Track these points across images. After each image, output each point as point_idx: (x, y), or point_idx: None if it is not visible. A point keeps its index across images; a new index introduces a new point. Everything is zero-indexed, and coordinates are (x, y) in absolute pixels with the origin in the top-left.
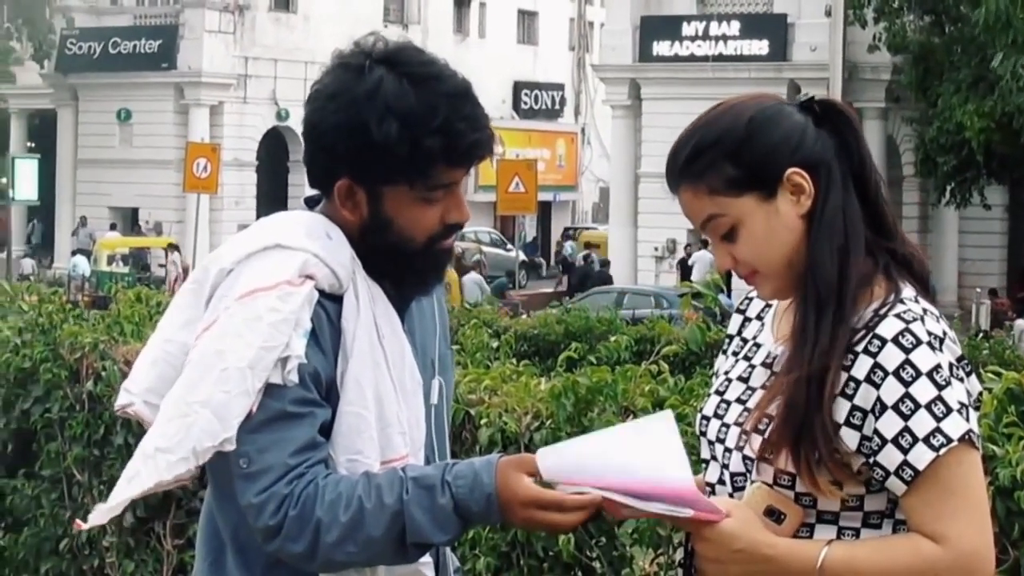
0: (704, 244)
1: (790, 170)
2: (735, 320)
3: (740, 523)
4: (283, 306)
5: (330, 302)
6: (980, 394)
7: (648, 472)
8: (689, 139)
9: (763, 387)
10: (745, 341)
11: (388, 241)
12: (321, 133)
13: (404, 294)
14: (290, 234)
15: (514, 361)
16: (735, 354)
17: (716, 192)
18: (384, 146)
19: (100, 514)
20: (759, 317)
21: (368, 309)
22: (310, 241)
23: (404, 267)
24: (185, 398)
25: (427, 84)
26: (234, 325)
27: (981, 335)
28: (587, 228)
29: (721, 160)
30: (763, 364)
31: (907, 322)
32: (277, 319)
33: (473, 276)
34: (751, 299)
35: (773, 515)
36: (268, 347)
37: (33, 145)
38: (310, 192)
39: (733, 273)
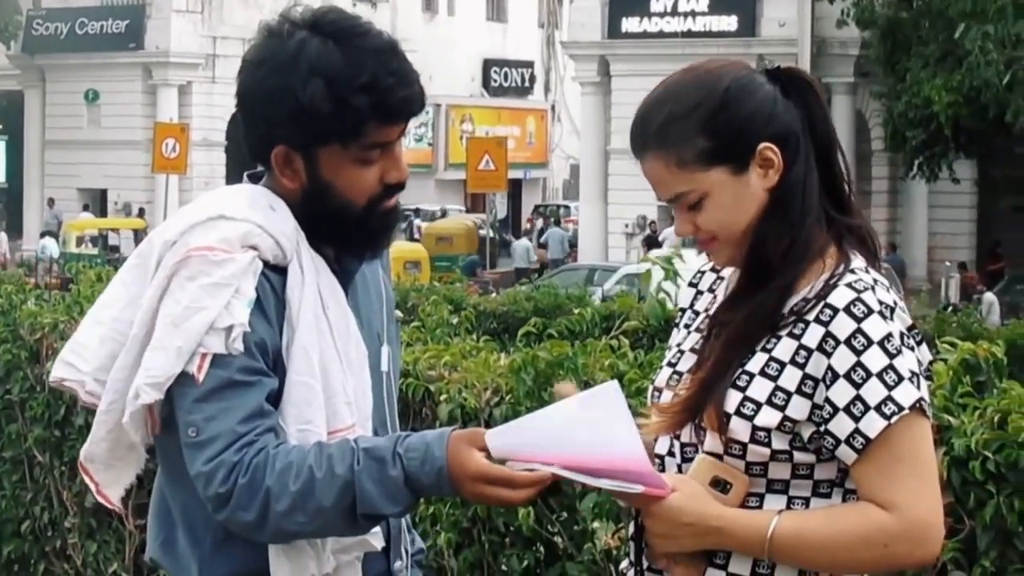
0: (672, 220)
1: (762, 144)
2: (687, 293)
3: (687, 497)
4: (216, 271)
5: (274, 273)
6: (931, 363)
7: (598, 446)
8: (660, 105)
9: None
10: (697, 314)
11: (329, 206)
12: (252, 102)
13: (352, 259)
14: (233, 205)
15: (474, 337)
16: (687, 327)
17: (685, 164)
18: (312, 108)
19: (110, 487)
20: (711, 290)
21: (313, 280)
22: (253, 212)
23: (349, 231)
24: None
25: (352, 42)
26: (170, 286)
27: (950, 308)
28: (559, 206)
29: (694, 130)
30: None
31: (858, 291)
32: (208, 282)
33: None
34: (703, 272)
35: (719, 485)
36: (193, 307)
37: (0, 127)
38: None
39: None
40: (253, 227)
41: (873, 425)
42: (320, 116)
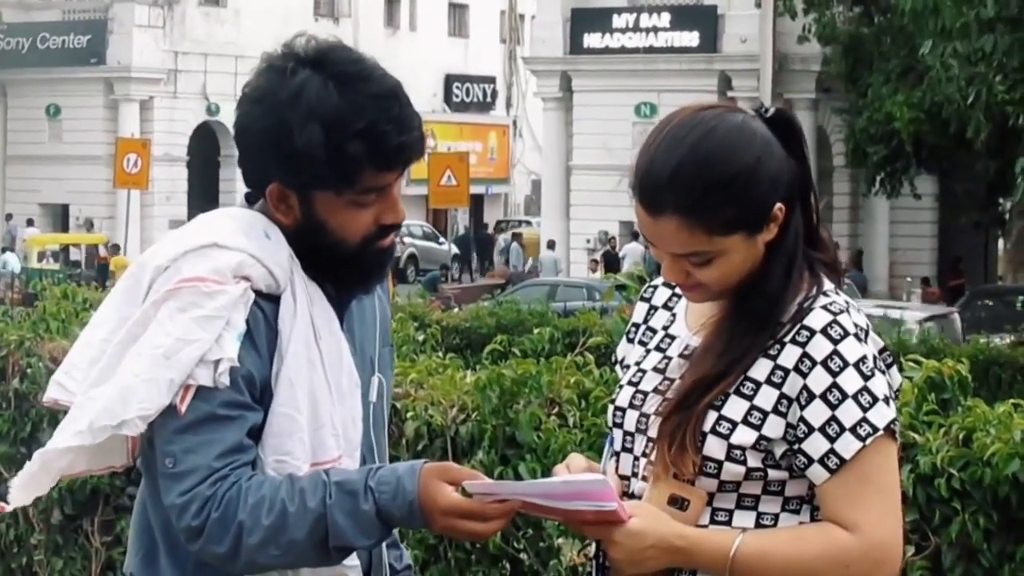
0: (634, 236)
1: (776, 206)
2: (640, 308)
3: (646, 520)
4: (207, 302)
5: (267, 302)
6: (900, 385)
7: (565, 479)
8: (690, 169)
9: (681, 379)
10: (654, 331)
11: (323, 243)
12: (249, 138)
13: (345, 293)
14: (227, 233)
15: (440, 354)
16: (643, 344)
17: (710, 230)
18: (307, 152)
19: (18, 491)
20: (667, 306)
21: (305, 309)
22: (247, 240)
23: (342, 267)
24: (95, 377)
25: (353, 85)
26: (158, 315)
27: None
28: (521, 221)
29: (727, 202)
30: (680, 356)
31: (834, 314)
32: (199, 314)
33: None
34: (656, 287)
35: (677, 503)
36: (186, 340)
37: None
38: (242, 187)
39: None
40: (246, 257)
41: (848, 446)
42: (314, 162)
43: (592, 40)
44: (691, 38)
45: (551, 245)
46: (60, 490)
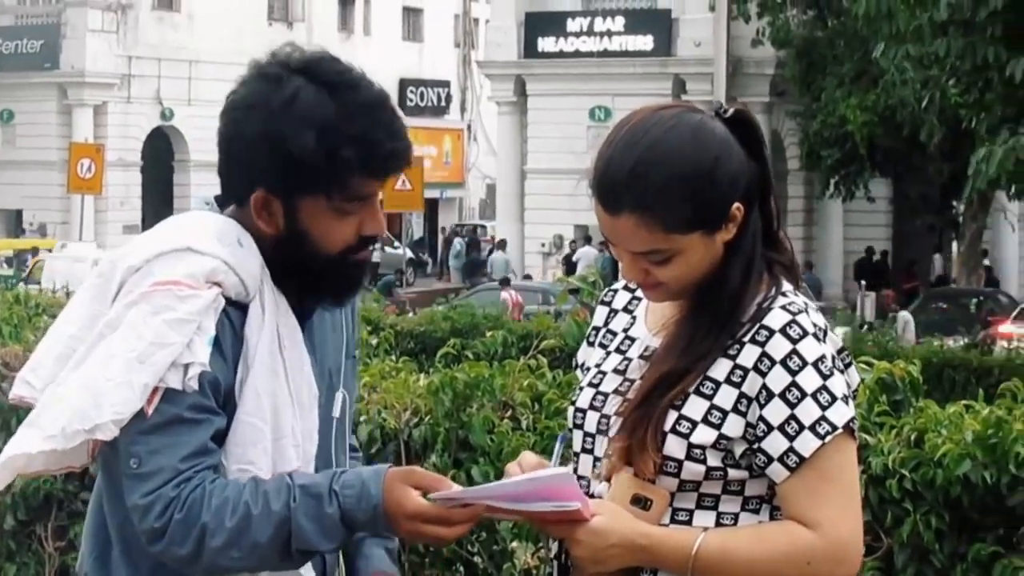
0: (587, 240)
1: (735, 206)
2: (600, 312)
3: (609, 519)
4: (180, 306)
5: (235, 310)
6: (859, 385)
7: (529, 478)
8: (648, 167)
9: (642, 379)
10: (614, 334)
11: (302, 254)
12: (239, 145)
13: (317, 305)
14: (202, 238)
15: (394, 358)
16: (604, 347)
17: (668, 228)
18: (301, 157)
19: None
20: (627, 310)
21: (272, 320)
22: (221, 247)
23: (317, 280)
24: (67, 379)
25: (345, 94)
26: (129, 316)
27: (865, 327)
28: (477, 225)
29: (684, 199)
30: (641, 357)
31: (793, 314)
32: (172, 317)
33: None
34: (616, 291)
35: (640, 502)
36: (158, 343)
37: None
38: (196, 192)
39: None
40: (220, 263)
41: (807, 444)
42: (309, 166)
43: (546, 44)
44: (645, 42)
45: (502, 245)
46: (13, 495)
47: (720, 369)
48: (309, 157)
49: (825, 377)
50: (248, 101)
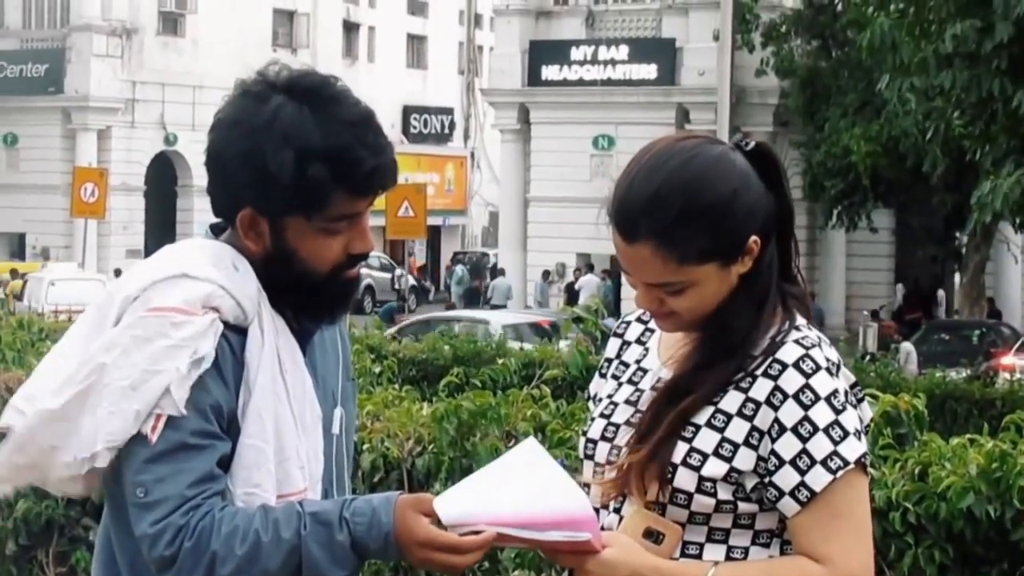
0: (590, 268)
1: (752, 239)
2: (613, 343)
3: (621, 551)
4: (175, 332)
5: (234, 334)
6: (871, 420)
7: (540, 498)
8: (667, 198)
9: (647, 410)
10: (627, 365)
11: (291, 272)
12: (222, 163)
13: (310, 324)
14: (197, 264)
15: (397, 386)
16: (616, 378)
17: (684, 260)
18: (279, 177)
19: None
20: (639, 341)
21: (272, 342)
22: (216, 272)
23: (308, 298)
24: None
25: (327, 111)
26: (123, 341)
27: (868, 357)
28: (483, 254)
29: (702, 232)
30: (652, 388)
31: (806, 348)
32: (166, 344)
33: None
34: (629, 323)
35: (652, 536)
36: (152, 370)
37: None
38: (200, 217)
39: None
40: (216, 288)
41: (819, 479)
42: (287, 186)
43: (550, 72)
44: (649, 71)
45: (503, 272)
46: (15, 520)
47: (732, 402)
48: (287, 177)
49: (838, 412)
50: (232, 118)
